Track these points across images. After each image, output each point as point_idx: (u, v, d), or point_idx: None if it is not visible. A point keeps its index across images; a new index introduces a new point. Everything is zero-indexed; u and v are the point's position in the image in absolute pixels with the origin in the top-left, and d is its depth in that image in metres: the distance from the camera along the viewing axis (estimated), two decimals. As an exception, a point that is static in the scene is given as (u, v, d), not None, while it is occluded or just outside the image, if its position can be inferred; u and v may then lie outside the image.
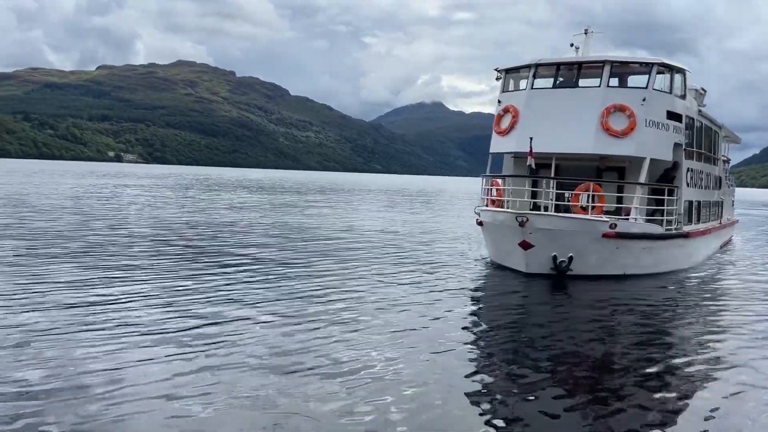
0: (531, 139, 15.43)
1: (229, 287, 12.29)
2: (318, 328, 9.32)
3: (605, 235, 14.88)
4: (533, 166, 15.80)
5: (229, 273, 13.94)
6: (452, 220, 33.20)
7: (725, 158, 27.51)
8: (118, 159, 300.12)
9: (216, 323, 9.43)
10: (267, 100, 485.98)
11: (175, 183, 72.45)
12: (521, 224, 14.73)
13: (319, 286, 12.83)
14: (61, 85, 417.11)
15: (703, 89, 21.46)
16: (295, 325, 9.46)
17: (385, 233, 24.50)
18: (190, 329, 8.99)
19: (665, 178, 17.10)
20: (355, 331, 9.30)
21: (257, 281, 13.10)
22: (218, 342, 8.44)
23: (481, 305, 12.50)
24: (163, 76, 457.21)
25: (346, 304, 11.11)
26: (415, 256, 18.09)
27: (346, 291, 12.38)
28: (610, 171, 17.16)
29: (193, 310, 10.17)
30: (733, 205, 30.19)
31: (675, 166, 17.22)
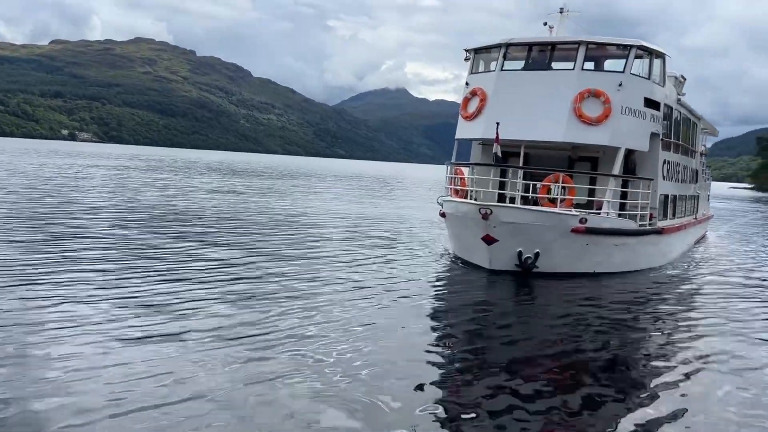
0: (498, 124, 14.30)
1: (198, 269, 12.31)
2: (272, 322, 8.95)
3: (574, 230, 13.92)
4: (499, 154, 14.76)
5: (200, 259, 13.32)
6: (415, 211, 32.00)
7: (703, 150, 26.88)
8: (72, 137, 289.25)
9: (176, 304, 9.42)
10: (228, 81, 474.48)
11: (128, 165, 69.71)
12: (484, 216, 13.57)
13: (272, 283, 11.76)
14: (11, 59, 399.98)
15: (682, 77, 20.52)
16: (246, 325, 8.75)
17: (343, 225, 23.34)
18: (146, 326, 8.51)
19: (624, 168, 15.94)
20: (308, 327, 8.84)
21: (220, 273, 12.43)
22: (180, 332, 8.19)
23: (437, 305, 11.52)
24: (121, 53, 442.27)
25: (300, 299, 10.49)
26: (372, 249, 16.87)
27: (301, 288, 11.42)
28: (582, 161, 16.15)
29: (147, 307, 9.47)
30: (708, 199, 29.81)
31: (630, 153, 15.93)
